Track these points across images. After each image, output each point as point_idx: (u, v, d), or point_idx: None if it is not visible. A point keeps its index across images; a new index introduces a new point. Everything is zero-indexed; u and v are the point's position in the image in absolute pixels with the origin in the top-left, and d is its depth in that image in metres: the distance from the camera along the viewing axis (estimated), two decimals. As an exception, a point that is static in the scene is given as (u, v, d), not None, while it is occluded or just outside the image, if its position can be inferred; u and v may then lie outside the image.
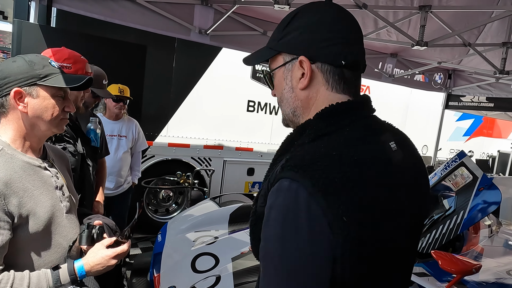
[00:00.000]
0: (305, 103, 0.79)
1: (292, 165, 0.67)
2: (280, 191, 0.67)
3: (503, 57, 3.76)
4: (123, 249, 1.18)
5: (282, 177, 0.67)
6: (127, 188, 3.15)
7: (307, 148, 0.72)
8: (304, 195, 0.63)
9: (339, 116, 0.75)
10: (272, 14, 3.77)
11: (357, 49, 0.78)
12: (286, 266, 0.64)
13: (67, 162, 1.41)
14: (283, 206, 0.66)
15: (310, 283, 0.63)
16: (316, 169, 0.65)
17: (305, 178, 0.64)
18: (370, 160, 0.71)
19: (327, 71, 0.76)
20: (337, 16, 0.78)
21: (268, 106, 5.44)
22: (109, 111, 3.00)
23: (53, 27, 3.49)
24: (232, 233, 2.76)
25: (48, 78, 1.11)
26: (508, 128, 10.11)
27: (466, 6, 3.25)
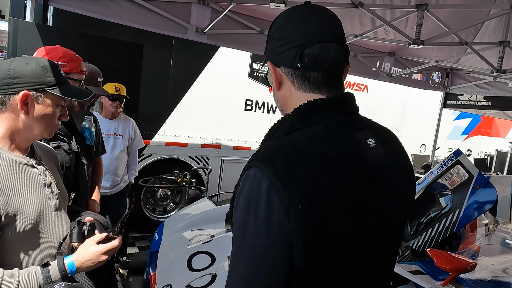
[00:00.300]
0: (284, 102, 0.86)
1: (259, 156, 0.72)
2: (247, 179, 0.72)
3: (500, 56, 3.76)
4: (113, 244, 1.18)
5: (250, 166, 0.73)
6: (123, 187, 3.15)
7: (279, 140, 0.77)
8: (266, 183, 0.68)
9: (315, 112, 0.78)
10: (269, 12, 3.76)
11: (317, 49, 0.78)
12: (246, 249, 0.69)
13: (56, 159, 1.40)
14: (247, 193, 0.70)
15: (266, 267, 0.68)
16: (279, 159, 0.70)
17: (268, 167, 0.69)
18: (336, 154, 0.73)
19: (290, 74, 0.82)
20: (298, 20, 0.80)
21: (265, 105, 5.44)
22: (105, 110, 3.00)
23: (50, 26, 3.49)
24: (229, 232, 2.76)
25: (57, 87, 1.13)
26: (506, 127, 10.12)
27: (463, 5, 3.25)
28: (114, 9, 3.18)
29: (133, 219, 4.25)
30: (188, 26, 3.57)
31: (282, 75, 0.83)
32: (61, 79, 1.16)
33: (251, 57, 5.15)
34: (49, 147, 1.43)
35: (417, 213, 2.77)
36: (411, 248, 2.60)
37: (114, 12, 3.19)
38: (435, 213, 2.68)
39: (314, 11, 0.81)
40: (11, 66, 1.09)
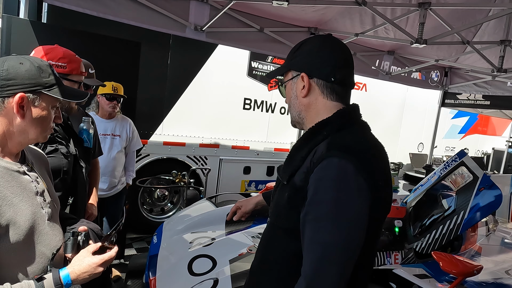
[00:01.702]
0: (307, 108, 1.10)
1: (337, 147, 0.95)
2: (330, 166, 0.93)
3: (501, 55, 3.74)
4: (110, 255, 1.14)
5: (329, 156, 0.94)
6: (121, 189, 3.08)
7: (338, 136, 1.00)
8: (351, 167, 0.91)
9: (349, 116, 1.07)
10: (269, 10, 3.71)
11: (344, 72, 1.08)
12: (343, 219, 0.90)
13: (47, 164, 1.33)
14: (335, 177, 0.91)
15: (360, 229, 0.92)
16: (354, 149, 0.96)
17: (352, 156, 0.93)
18: (376, 146, 1.06)
19: (321, 85, 1.07)
20: (331, 47, 1.08)
21: (264, 104, 5.38)
22: (102, 110, 2.93)
23: (44, 23, 3.41)
24: (230, 234, 2.71)
25: (53, 88, 1.08)
26: (503, 126, 10.17)
27: (465, 3, 3.22)
28: (110, 6, 3.11)
29: (130, 220, 4.19)
30: (186, 24, 3.50)
31: (313, 85, 1.07)
32: (57, 79, 1.10)
33: (250, 55, 5.09)
34: (39, 151, 1.36)
35: (420, 214, 2.74)
36: (415, 250, 2.57)
37: (110, 9, 3.11)
38: (438, 215, 2.65)
39: (339, 43, 1.10)
40: (4, 67, 1.01)
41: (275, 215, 1.09)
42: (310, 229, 0.92)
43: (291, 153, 1.08)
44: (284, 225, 1.05)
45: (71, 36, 3.11)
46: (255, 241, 2.53)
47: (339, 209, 0.89)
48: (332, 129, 1.01)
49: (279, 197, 1.07)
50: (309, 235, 0.92)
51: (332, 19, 4.03)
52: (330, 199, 0.90)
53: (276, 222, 1.09)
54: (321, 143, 0.99)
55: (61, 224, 1.24)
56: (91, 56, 2.74)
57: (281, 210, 1.06)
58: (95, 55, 3.06)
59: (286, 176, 1.03)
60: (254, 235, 2.64)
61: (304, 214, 0.94)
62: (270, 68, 5.34)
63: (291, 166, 1.03)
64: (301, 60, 1.09)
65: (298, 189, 0.97)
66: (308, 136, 1.05)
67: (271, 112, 5.46)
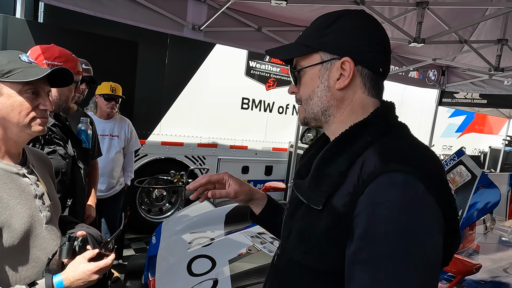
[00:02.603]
0: (340, 103, 0.82)
1: (396, 159, 0.69)
2: (391, 185, 0.66)
3: (498, 54, 3.75)
4: (106, 263, 1.09)
5: (387, 170, 0.67)
6: (119, 189, 3.07)
7: (389, 143, 0.75)
8: (421, 187, 0.66)
9: (391, 116, 0.83)
10: (268, 10, 3.70)
11: (389, 60, 0.85)
12: (414, 258, 0.63)
13: (50, 167, 1.32)
14: (401, 200, 0.65)
15: (436, 269, 0.66)
16: (419, 162, 0.69)
17: (416, 171, 0.67)
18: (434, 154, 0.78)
19: (366, 76, 0.81)
20: (378, 28, 0.82)
21: (262, 103, 5.38)
22: (100, 110, 2.91)
23: (41, 22, 3.39)
24: (229, 234, 2.71)
25: (11, 73, 1.01)
26: (499, 124, 10.22)
27: (463, 2, 3.23)
28: (108, 6, 3.09)
29: (128, 221, 4.18)
30: (184, 23, 3.49)
31: (355, 74, 0.80)
32: (18, 64, 1.03)
33: (248, 55, 5.08)
34: (42, 153, 1.35)
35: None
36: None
37: (108, 9, 3.09)
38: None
39: (379, 23, 0.84)
40: None
41: (301, 251, 0.78)
42: (364, 274, 0.65)
43: (318, 167, 0.79)
44: (317, 265, 0.75)
45: (68, 36, 3.09)
46: (254, 241, 2.53)
47: (409, 245, 0.63)
48: (377, 134, 0.76)
49: (306, 226, 0.78)
50: (363, 282, 0.65)
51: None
52: (395, 231, 0.64)
53: (304, 261, 0.77)
54: (366, 153, 0.73)
55: (62, 228, 1.23)
56: (88, 56, 2.73)
57: (312, 244, 0.75)
58: (92, 55, 3.05)
59: (322, 198, 0.73)
60: (253, 235, 2.64)
61: (353, 252, 0.68)
62: (268, 67, 5.33)
63: (324, 184, 0.75)
64: (341, 40, 0.80)
65: (341, 216, 0.70)
66: (342, 143, 0.78)
67: (269, 112, 5.46)
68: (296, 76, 0.86)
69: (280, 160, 5.62)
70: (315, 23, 0.85)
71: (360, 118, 0.80)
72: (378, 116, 0.79)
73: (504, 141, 9.11)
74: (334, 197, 0.73)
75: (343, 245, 0.70)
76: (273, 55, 0.89)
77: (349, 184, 0.72)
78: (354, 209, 0.69)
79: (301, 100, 0.86)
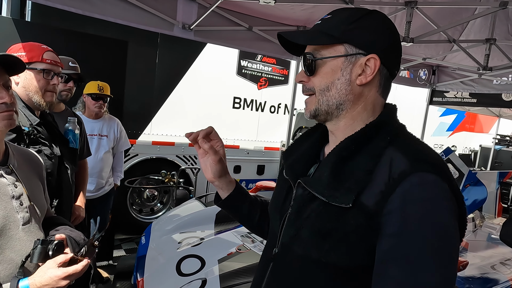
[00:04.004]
0: (356, 99, 0.82)
1: (425, 161, 0.73)
2: (425, 185, 0.70)
3: (486, 54, 3.79)
4: (75, 269, 1.04)
5: (419, 170, 0.71)
6: (108, 190, 3.04)
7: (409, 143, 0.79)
8: (447, 188, 0.71)
9: (396, 117, 0.86)
10: (258, 9, 3.70)
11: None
12: (445, 253, 0.68)
13: (39, 167, 1.29)
14: (435, 199, 0.69)
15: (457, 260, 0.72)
16: (443, 165, 0.75)
17: (445, 174, 0.72)
18: None
19: (384, 75, 0.83)
20: (396, 30, 0.84)
21: (254, 102, 5.38)
22: (88, 110, 2.89)
23: (28, 21, 3.35)
24: (219, 234, 2.70)
25: None
26: (490, 123, 10.34)
27: (451, 2, 3.26)
28: (96, 4, 3.06)
29: (119, 221, 4.15)
30: (174, 22, 3.47)
31: (377, 73, 0.80)
32: None
33: (239, 54, 5.08)
34: (32, 153, 1.31)
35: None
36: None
37: (96, 7, 3.06)
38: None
39: None
40: None
41: (323, 249, 0.76)
42: (399, 270, 0.67)
43: (336, 165, 0.78)
44: (341, 262, 0.75)
45: (56, 35, 3.06)
46: (244, 240, 2.53)
47: (442, 241, 0.67)
48: (393, 134, 0.79)
49: (327, 224, 0.77)
50: (397, 279, 0.67)
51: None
52: (430, 228, 0.67)
53: (326, 258, 0.76)
54: (389, 152, 0.75)
55: (48, 230, 1.20)
56: (77, 55, 2.70)
57: (337, 242, 0.75)
58: (81, 54, 3.01)
59: (351, 196, 0.73)
60: (243, 234, 2.63)
61: (386, 249, 0.69)
62: (259, 67, 5.33)
63: (349, 182, 0.75)
64: (368, 36, 0.79)
65: (372, 215, 0.71)
66: (360, 140, 0.79)
67: (261, 111, 5.46)
68: (312, 64, 0.82)
69: (272, 159, 5.63)
70: (339, 15, 0.83)
71: (370, 116, 0.82)
72: (391, 116, 0.84)
73: (494, 140, 9.22)
74: (363, 195, 0.73)
75: (372, 242, 0.72)
76: (293, 39, 0.84)
77: (379, 183, 0.72)
78: (384, 207, 0.70)
79: (314, 90, 0.83)
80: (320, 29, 0.82)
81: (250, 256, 2.28)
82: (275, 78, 5.49)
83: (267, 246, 0.96)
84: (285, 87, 5.56)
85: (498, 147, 8.78)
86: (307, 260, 0.80)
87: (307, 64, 0.83)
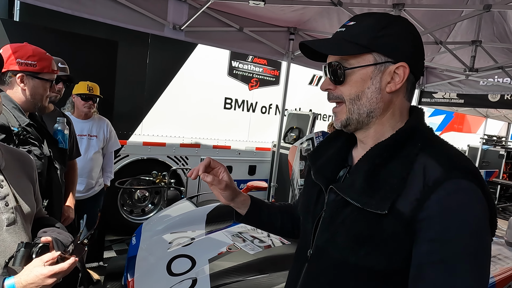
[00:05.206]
0: (386, 106, 0.83)
1: (459, 168, 0.75)
2: (460, 192, 0.72)
3: (472, 55, 3.87)
4: (61, 267, 1.02)
5: (453, 177, 0.73)
6: (98, 190, 3.03)
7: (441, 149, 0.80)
8: (481, 194, 0.73)
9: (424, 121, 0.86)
10: (249, 10, 3.72)
11: None
12: (482, 257, 0.71)
13: (30, 167, 1.29)
14: (470, 205, 0.72)
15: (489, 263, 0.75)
16: (475, 170, 0.77)
17: (477, 179, 0.74)
18: None
19: (411, 81, 0.84)
20: (419, 35, 0.85)
21: (245, 103, 5.39)
22: (77, 110, 2.88)
23: (17, 21, 3.32)
24: (210, 234, 2.71)
25: None
26: (477, 123, 10.51)
27: (438, 5, 3.32)
28: (86, 4, 3.04)
29: (110, 222, 4.13)
30: (164, 23, 3.47)
31: (405, 80, 0.81)
32: None
33: (230, 55, 5.09)
34: (23, 154, 1.31)
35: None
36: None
37: (86, 7, 3.05)
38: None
39: None
40: None
41: (360, 254, 0.79)
42: (436, 273, 0.70)
43: (370, 173, 0.80)
44: (378, 267, 0.77)
45: (45, 35, 3.04)
46: (235, 240, 2.54)
47: (479, 245, 0.71)
48: (424, 139, 0.80)
49: (363, 230, 0.79)
50: (434, 282, 0.70)
51: (311, 19, 4.08)
52: (467, 233, 0.70)
53: (363, 262, 0.79)
54: (421, 159, 0.77)
55: (37, 231, 1.19)
56: (67, 55, 2.69)
57: (375, 247, 0.77)
58: (70, 54, 3.00)
59: (387, 203, 0.75)
60: (234, 234, 2.65)
61: (425, 254, 0.72)
62: (250, 67, 5.35)
63: (384, 189, 0.76)
64: (397, 44, 0.80)
65: (409, 221, 0.73)
66: (392, 147, 0.80)
67: (252, 112, 5.48)
68: (340, 74, 0.82)
69: (264, 159, 5.65)
70: (364, 22, 0.82)
71: (398, 121, 0.84)
72: (420, 121, 0.84)
73: (482, 140, 9.38)
74: (398, 202, 0.75)
75: (407, 247, 0.74)
76: (321, 49, 0.84)
77: (414, 190, 0.74)
78: (420, 214, 0.73)
79: (342, 98, 0.84)
80: (345, 37, 0.82)
81: (241, 255, 2.30)
82: (266, 79, 5.51)
83: (300, 247, 0.99)
84: (276, 88, 5.59)
85: (486, 147, 8.94)
86: (343, 264, 0.83)
87: (335, 73, 0.83)
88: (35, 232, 1.23)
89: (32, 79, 1.66)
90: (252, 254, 2.32)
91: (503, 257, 3.03)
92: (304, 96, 6.00)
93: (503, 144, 9.26)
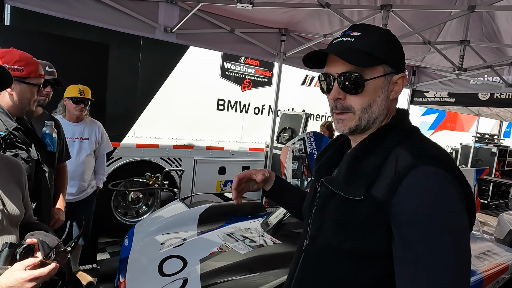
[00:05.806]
0: (387, 111, 0.93)
1: (425, 154, 0.82)
2: (429, 175, 0.79)
3: (461, 55, 3.92)
4: (42, 272, 1.03)
5: (421, 163, 0.80)
6: (91, 193, 3.04)
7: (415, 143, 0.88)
8: (450, 178, 0.78)
9: (408, 120, 0.96)
10: (239, 12, 3.75)
11: None
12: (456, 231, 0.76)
13: (19, 172, 1.30)
14: (439, 187, 0.78)
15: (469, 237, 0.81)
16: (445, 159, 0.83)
17: (447, 166, 0.80)
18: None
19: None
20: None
21: (238, 104, 5.42)
22: (69, 113, 2.89)
23: (7, 25, 3.32)
24: (201, 234, 2.73)
25: None
26: (470, 121, 10.61)
27: (425, 6, 3.37)
28: (76, 7, 3.06)
29: (103, 224, 4.13)
30: (156, 26, 3.49)
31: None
32: None
33: (222, 56, 5.11)
34: (11, 158, 1.32)
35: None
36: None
37: (76, 11, 3.07)
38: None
39: None
40: None
41: (341, 237, 0.88)
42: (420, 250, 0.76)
43: (351, 164, 0.89)
44: (356, 248, 0.85)
45: (36, 39, 3.05)
46: (226, 240, 2.57)
47: (451, 220, 0.76)
48: (401, 135, 0.89)
49: (344, 215, 0.87)
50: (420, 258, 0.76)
51: (302, 20, 4.12)
52: (439, 211, 0.76)
53: (342, 246, 0.88)
54: (396, 151, 0.85)
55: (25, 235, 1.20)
56: (58, 58, 2.70)
57: (353, 230, 0.85)
58: (61, 57, 3.02)
59: (362, 190, 0.83)
60: (226, 234, 2.67)
61: (402, 235, 0.78)
62: (243, 69, 5.37)
63: (360, 178, 0.85)
64: (398, 56, 0.92)
65: (382, 205, 0.80)
66: (373, 142, 0.89)
67: (245, 113, 5.51)
68: (361, 84, 0.88)
69: (257, 160, 5.67)
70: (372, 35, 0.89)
71: (385, 121, 0.94)
72: (399, 120, 0.93)
73: (474, 138, 9.46)
74: (373, 188, 0.83)
75: (384, 229, 0.81)
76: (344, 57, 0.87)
77: (386, 177, 0.82)
78: (393, 198, 0.80)
79: (351, 108, 0.90)
80: (359, 48, 0.87)
81: (232, 255, 2.32)
82: (258, 80, 5.54)
83: (300, 240, 1.08)
84: (268, 89, 5.62)
85: (478, 145, 9.01)
86: (329, 249, 0.92)
87: (355, 83, 0.88)
88: (23, 236, 1.24)
89: (19, 84, 1.67)
90: (243, 253, 2.34)
91: (492, 253, 3.07)
92: (297, 96, 6.04)
93: (495, 142, 9.33)
